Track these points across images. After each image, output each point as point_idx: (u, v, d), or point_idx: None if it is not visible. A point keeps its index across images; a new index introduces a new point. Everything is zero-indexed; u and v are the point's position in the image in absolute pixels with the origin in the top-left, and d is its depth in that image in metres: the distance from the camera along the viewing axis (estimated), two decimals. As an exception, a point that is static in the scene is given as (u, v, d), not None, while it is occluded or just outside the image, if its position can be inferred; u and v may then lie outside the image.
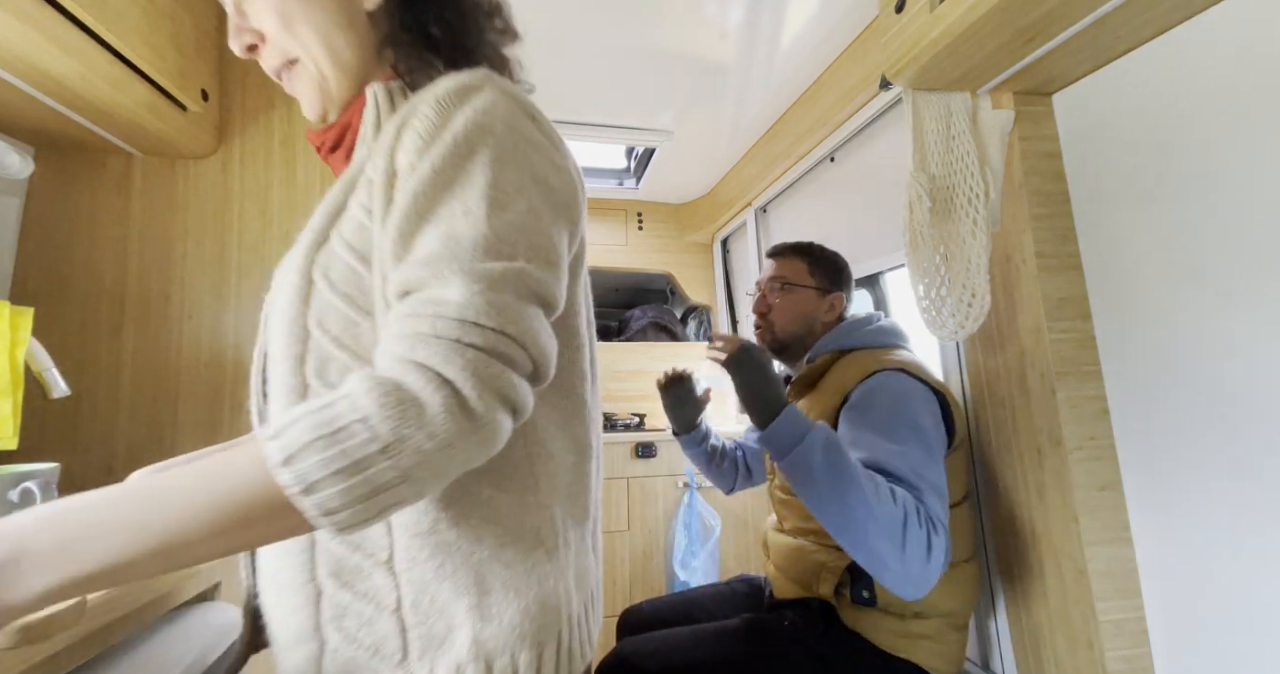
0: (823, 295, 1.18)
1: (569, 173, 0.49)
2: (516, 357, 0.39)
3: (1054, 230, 0.99)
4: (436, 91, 0.45)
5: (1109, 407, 0.95)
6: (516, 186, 0.43)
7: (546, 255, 0.43)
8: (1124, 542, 0.91)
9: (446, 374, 0.36)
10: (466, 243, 0.40)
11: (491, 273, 0.40)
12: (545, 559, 0.47)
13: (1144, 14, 0.80)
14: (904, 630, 0.95)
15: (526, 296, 0.41)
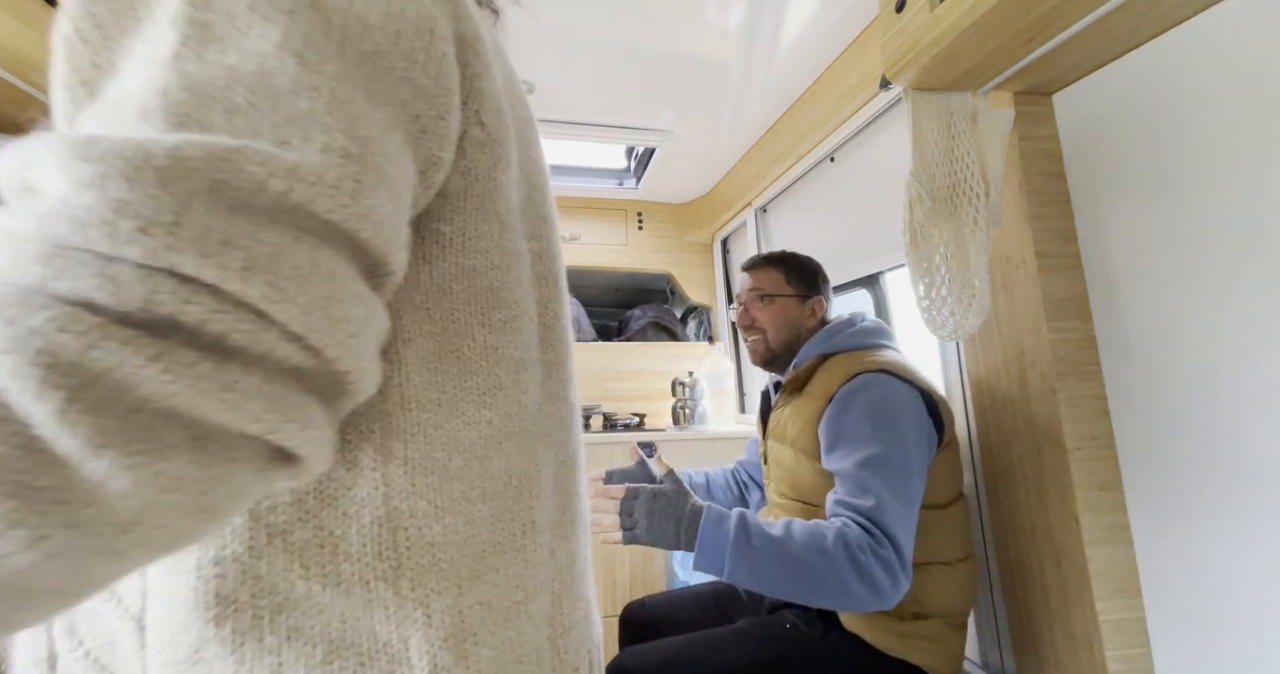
0: (803, 302, 1.19)
1: (421, 6, 0.28)
2: (206, 320, 0.19)
3: (1054, 230, 0.99)
4: None
5: (1109, 407, 0.95)
6: (267, 11, 0.23)
7: (304, 131, 0.22)
8: (1124, 542, 0.91)
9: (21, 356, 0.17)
10: (132, 102, 0.22)
11: (142, 148, 0.19)
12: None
13: (1144, 14, 0.80)
14: (902, 631, 0.95)
15: (251, 208, 0.20)
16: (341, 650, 0.27)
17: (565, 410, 0.40)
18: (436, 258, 0.31)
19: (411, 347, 0.30)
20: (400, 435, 0.30)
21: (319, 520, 0.28)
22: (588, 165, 2.33)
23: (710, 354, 2.47)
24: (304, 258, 0.21)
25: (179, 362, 0.19)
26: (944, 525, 0.99)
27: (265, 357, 0.21)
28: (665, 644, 1.04)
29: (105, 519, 0.18)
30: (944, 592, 0.96)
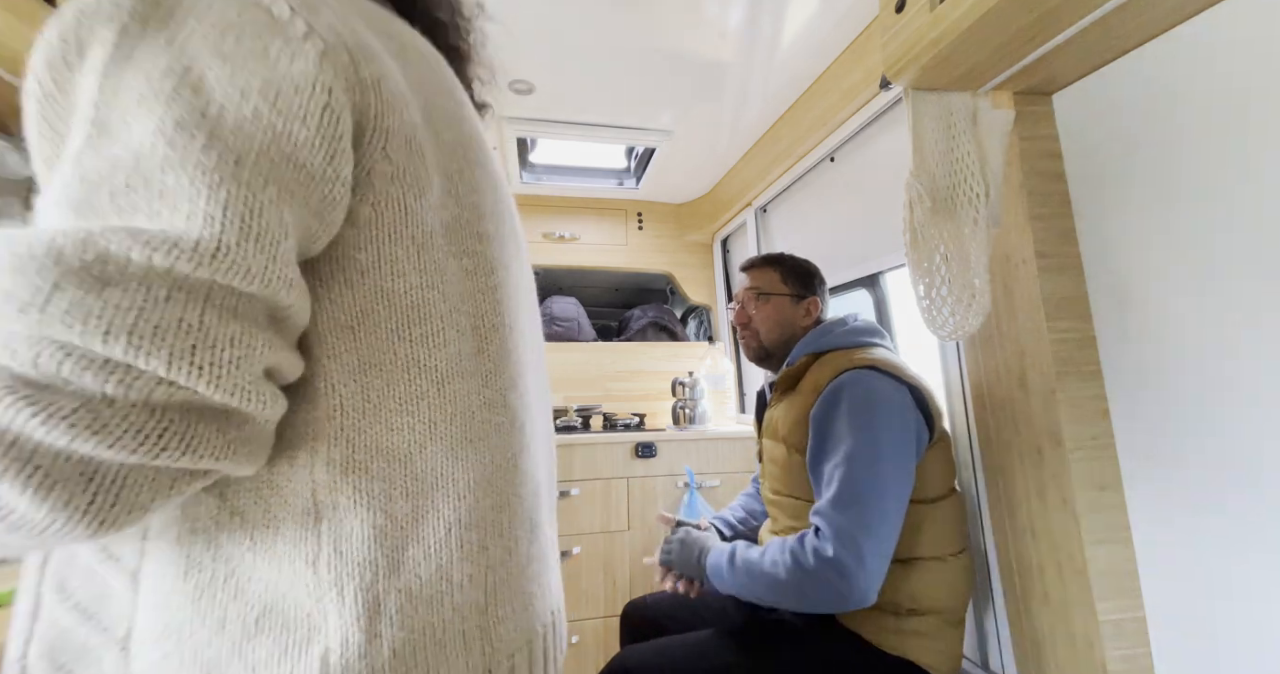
0: (798, 301, 1.22)
1: (296, 66, 0.31)
2: (86, 383, 0.25)
3: (1054, 230, 0.99)
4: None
5: (1109, 407, 0.95)
6: (144, 96, 0.28)
7: (179, 209, 0.27)
8: (1124, 542, 0.91)
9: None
10: (49, 198, 0.28)
11: (31, 244, 0.25)
12: (320, 661, 0.32)
13: (1144, 14, 0.80)
14: (899, 628, 0.95)
15: (121, 279, 0.25)
16: (272, 613, 0.33)
17: (504, 416, 0.43)
18: (357, 282, 0.36)
19: (337, 361, 0.35)
20: (326, 439, 0.34)
21: (266, 505, 0.34)
22: (588, 165, 2.33)
23: (710, 354, 2.47)
24: (169, 315, 0.26)
25: (56, 413, 0.24)
26: (937, 520, 0.99)
27: (143, 398, 0.26)
28: (665, 643, 1.04)
29: (20, 527, 0.25)
30: (938, 587, 0.96)
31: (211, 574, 0.33)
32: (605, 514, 1.87)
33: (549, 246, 2.47)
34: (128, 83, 0.29)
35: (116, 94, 0.29)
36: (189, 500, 0.33)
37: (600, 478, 1.88)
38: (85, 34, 0.29)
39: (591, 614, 1.82)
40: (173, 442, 0.27)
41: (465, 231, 0.42)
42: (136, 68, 0.29)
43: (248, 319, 0.29)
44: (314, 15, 0.33)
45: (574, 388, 2.37)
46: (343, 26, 0.34)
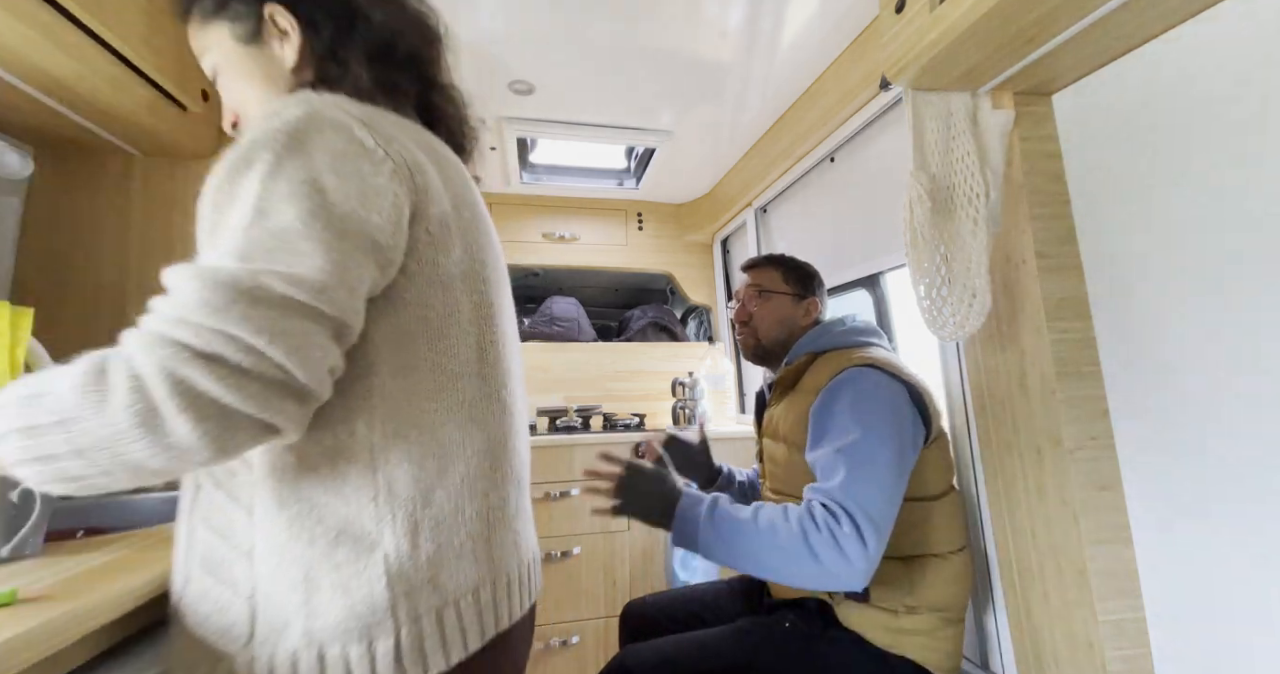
0: (798, 301, 1.23)
1: (384, 182, 0.50)
2: (242, 361, 0.40)
3: (1054, 230, 0.99)
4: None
5: (1109, 407, 0.95)
6: (289, 195, 0.46)
7: (302, 263, 0.44)
8: (1124, 542, 0.91)
9: (137, 365, 0.39)
10: (220, 249, 0.44)
11: (222, 273, 0.42)
12: (381, 563, 0.49)
13: (1144, 14, 0.80)
14: (897, 626, 0.96)
15: (270, 302, 0.42)
16: (345, 533, 0.50)
17: (497, 406, 0.61)
18: (403, 311, 0.53)
19: (387, 364, 0.52)
20: (380, 416, 0.52)
21: (333, 463, 0.50)
22: (588, 165, 2.33)
23: (710, 354, 2.47)
24: (290, 324, 0.43)
25: (217, 376, 0.40)
26: (935, 517, 1.00)
27: (264, 375, 0.41)
28: (665, 643, 1.04)
29: (173, 448, 0.40)
30: (937, 584, 0.96)
31: (297, 509, 0.49)
32: (605, 514, 1.87)
33: (549, 246, 2.47)
34: (279, 186, 0.46)
35: (271, 192, 0.46)
36: (278, 463, 0.50)
37: (600, 478, 1.88)
38: (253, 155, 0.47)
39: (591, 614, 1.82)
40: (273, 404, 0.42)
41: (475, 278, 0.60)
42: (285, 177, 0.46)
43: (327, 334, 0.45)
44: (389, 145, 0.52)
45: (574, 388, 2.37)
46: (404, 150, 0.54)
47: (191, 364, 0.39)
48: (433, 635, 0.51)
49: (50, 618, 0.40)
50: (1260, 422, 0.75)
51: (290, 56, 0.61)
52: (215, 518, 0.51)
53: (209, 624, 0.49)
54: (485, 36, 1.39)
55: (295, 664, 0.47)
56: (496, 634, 0.57)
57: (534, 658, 1.77)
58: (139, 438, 0.39)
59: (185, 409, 0.38)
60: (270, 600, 0.48)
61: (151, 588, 0.52)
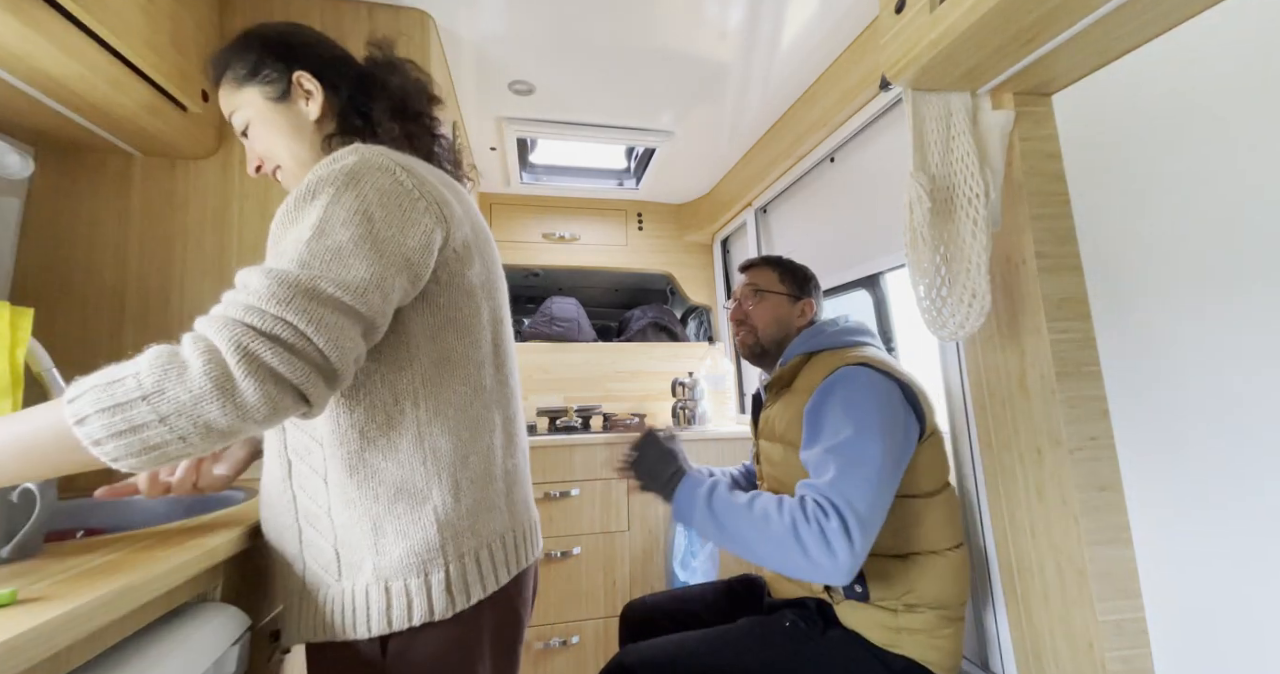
0: (794, 301, 1.25)
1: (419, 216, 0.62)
2: (295, 342, 0.50)
3: (1054, 230, 0.99)
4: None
5: (1109, 407, 0.95)
6: (344, 221, 0.57)
7: (349, 273, 0.55)
8: (1124, 542, 0.91)
9: (214, 341, 0.48)
10: (285, 257, 0.55)
11: (287, 274, 0.52)
12: (432, 513, 0.63)
13: (1144, 14, 0.80)
14: (896, 625, 0.96)
15: (321, 300, 0.52)
16: (401, 491, 0.63)
17: (507, 391, 0.76)
18: (438, 312, 0.67)
19: (427, 356, 0.65)
20: (423, 397, 0.65)
21: (388, 436, 0.63)
22: (588, 165, 2.33)
23: (710, 354, 2.47)
24: (334, 319, 0.53)
25: (276, 352, 0.50)
26: (932, 514, 1.00)
27: (309, 357, 0.51)
28: (665, 642, 1.04)
29: (240, 407, 0.49)
30: (935, 581, 0.96)
31: (364, 473, 0.62)
32: (605, 514, 1.87)
33: (549, 247, 2.47)
34: (338, 213, 0.58)
35: (331, 218, 0.57)
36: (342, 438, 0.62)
37: (600, 478, 1.88)
38: (318, 189, 0.59)
39: (591, 614, 1.82)
40: (311, 380, 0.51)
41: (490, 287, 0.74)
42: (343, 207, 0.58)
43: (358, 329, 0.56)
44: (423, 186, 0.65)
45: (574, 388, 2.37)
46: (434, 190, 0.66)
47: (258, 341, 0.49)
48: (473, 570, 0.65)
49: (50, 618, 0.40)
50: (1260, 422, 0.75)
51: (314, 112, 0.75)
52: (306, 484, 0.64)
53: (315, 564, 0.63)
54: (485, 36, 1.39)
55: (368, 594, 0.61)
56: (519, 571, 0.72)
57: (534, 658, 1.77)
58: (215, 398, 0.47)
59: (252, 374, 0.48)
60: (348, 545, 0.62)
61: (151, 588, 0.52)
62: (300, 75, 0.74)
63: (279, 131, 0.75)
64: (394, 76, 0.78)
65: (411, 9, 1.30)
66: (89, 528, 0.91)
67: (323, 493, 0.64)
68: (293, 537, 0.65)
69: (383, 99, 0.76)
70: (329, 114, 0.76)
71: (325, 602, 0.63)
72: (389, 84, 0.77)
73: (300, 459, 0.65)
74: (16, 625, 0.39)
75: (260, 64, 0.74)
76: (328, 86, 0.75)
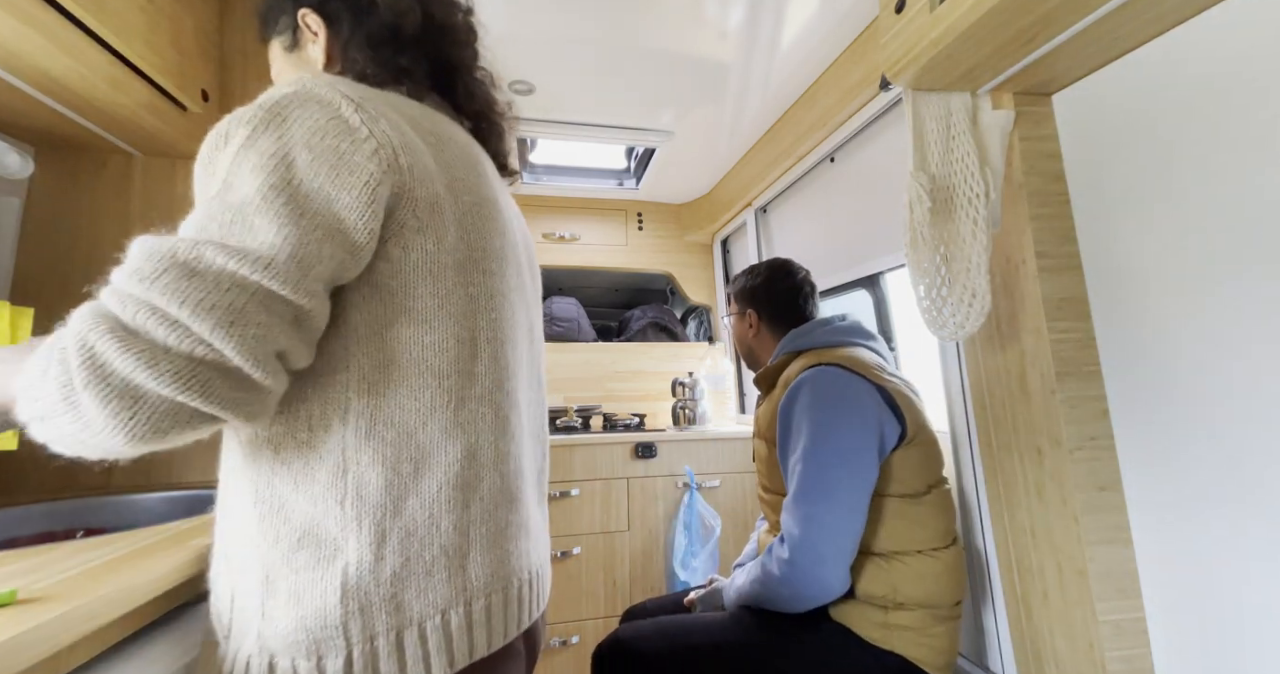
0: (741, 318, 1.32)
1: (361, 161, 0.47)
2: (163, 336, 0.37)
3: (1054, 230, 0.99)
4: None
5: (1109, 407, 0.95)
6: (254, 167, 0.44)
7: (254, 236, 0.42)
8: (1124, 542, 0.91)
9: (66, 335, 0.38)
10: (185, 223, 0.44)
11: (162, 243, 0.40)
12: (339, 574, 0.46)
13: (1144, 14, 0.80)
14: (885, 621, 0.96)
15: (206, 275, 0.39)
16: (309, 535, 0.47)
17: (487, 409, 0.55)
18: (387, 301, 0.50)
19: (368, 357, 0.49)
20: (354, 413, 0.48)
21: (307, 460, 0.48)
22: (588, 165, 2.33)
23: (710, 354, 2.47)
24: (223, 299, 0.39)
25: (131, 351, 0.37)
26: (921, 515, 1.00)
27: (186, 352, 0.38)
28: (661, 621, 1.09)
29: (88, 427, 0.37)
30: (924, 580, 0.97)
31: (269, 505, 0.47)
32: (605, 514, 1.87)
33: (549, 247, 2.47)
34: (249, 159, 0.44)
35: (240, 166, 0.44)
36: (254, 455, 0.48)
37: (600, 478, 1.88)
38: (231, 131, 0.46)
39: (591, 614, 1.82)
40: (195, 386, 0.38)
41: (473, 269, 0.56)
42: (256, 151, 0.45)
43: (275, 314, 0.42)
44: (374, 123, 0.49)
45: (574, 388, 2.37)
46: (392, 130, 0.50)
47: (108, 335, 0.36)
48: (390, 659, 0.47)
49: (50, 618, 0.40)
50: (1260, 421, 0.75)
51: (319, 56, 0.63)
52: (224, 506, 0.52)
53: (214, 609, 0.50)
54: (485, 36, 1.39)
55: (249, 669, 0.46)
56: (470, 664, 0.51)
57: (534, 658, 1.77)
58: (63, 412, 0.37)
59: (91, 383, 0.36)
60: (241, 597, 0.48)
61: (151, 588, 0.52)
62: (304, 13, 0.62)
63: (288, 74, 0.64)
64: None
65: (411, 9, 1.29)
66: (89, 528, 0.91)
67: (235, 521, 0.49)
68: (212, 563, 0.52)
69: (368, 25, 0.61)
70: (335, 56, 0.62)
71: (214, 661, 0.49)
72: (379, 4, 0.61)
73: (226, 475, 0.52)
74: (16, 625, 0.39)
75: (274, 8, 0.65)
76: (329, 22, 0.62)
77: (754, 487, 1.98)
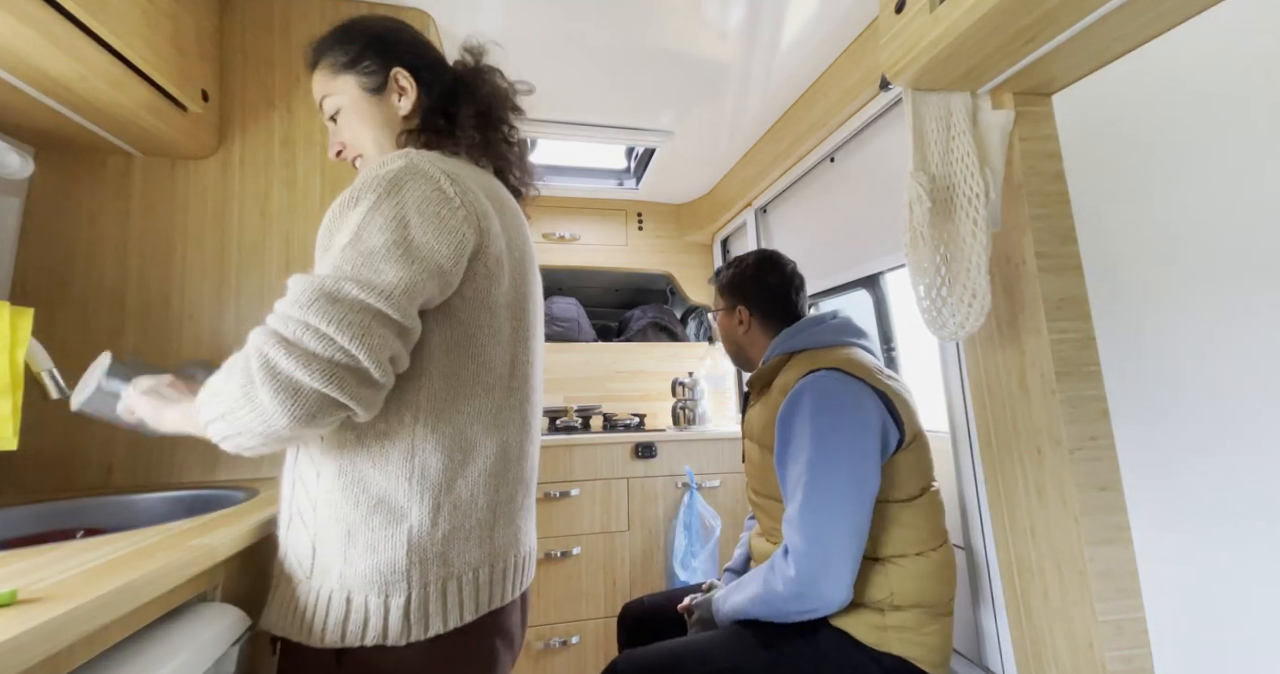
0: (730, 314, 1.26)
1: (457, 224, 0.63)
2: (316, 346, 0.52)
3: (1054, 230, 0.99)
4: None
5: (1109, 407, 0.95)
6: (380, 226, 0.59)
7: (379, 276, 0.57)
8: (1124, 542, 0.91)
9: (247, 349, 0.54)
10: (325, 263, 0.58)
11: (314, 278, 0.56)
12: (406, 533, 0.61)
13: (1144, 14, 0.80)
14: (882, 623, 0.96)
15: (345, 302, 0.54)
16: (382, 503, 0.62)
17: (516, 415, 0.72)
18: (456, 327, 0.66)
19: (438, 370, 0.65)
20: (424, 411, 0.64)
21: (382, 445, 0.63)
22: (588, 165, 2.33)
23: (710, 354, 2.47)
24: (358, 318, 0.55)
25: (295, 356, 0.53)
26: (910, 519, 1.00)
27: (333, 358, 0.54)
28: (659, 647, 1.04)
29: (259, 414, 0.54)
30: (917, 581, 0.97)
31: (351, 477, 0.62)
32: (605, 514, 1.87)
33: (549, 247, 2.47)
34: (376, 219, 0.60)
35: (369, 224, 0.60)
36: (339, 440, 0.63)
37: (600, 478, 1.88)
38: (360, 196, 0.61)
39: (591, 614, 1.82)
40: (335, 382, 0.53)
41: (518, 308, 0.73)
42: (380, 213, 0.60)
43: (390, 329, 0.57)
44: (465, 195, 0.65)
45: (574, 388, 2.37)
46: (476, 200, 0.67)
47: (277, 346, 0.52)
48: (436, 601, 0.62)
49: (50, 618, 0.40)
50: (1260, 422, 0.75)
51: (406, 108, 0.78)
52: (303, 475, 0.65)
53: (293, 555, 0.64)
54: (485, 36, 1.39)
55: (330, 601, 0.60)
56: (489, 611, 0.67)
57: (534, 658, 1.77)
58: (243, 405, 0.53)
59: (268, 380, 0.52)
60: (324, 546, 0.62)
61: (151, 588, 0.52)
62: (398, 71, 0.78)
63: (369, 122, 0.78)
64: (483, 84, 0.82)
65: (411, 9, 1.29)
66: (89, 528, 0.91)
67: (314, 486, 0.64)
68: (284, 523, 0.66)
69: (469, 104, 0.79)
70: (416, 112, 0.78)
71: (293, 597, 0.62)
72: (478, 91, 0.81)
73: (304, 448, 0.66)
74: (16, 625, 0.39)
75: (362, 55, 0.77)
76: (422, 85, 0.79)
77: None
